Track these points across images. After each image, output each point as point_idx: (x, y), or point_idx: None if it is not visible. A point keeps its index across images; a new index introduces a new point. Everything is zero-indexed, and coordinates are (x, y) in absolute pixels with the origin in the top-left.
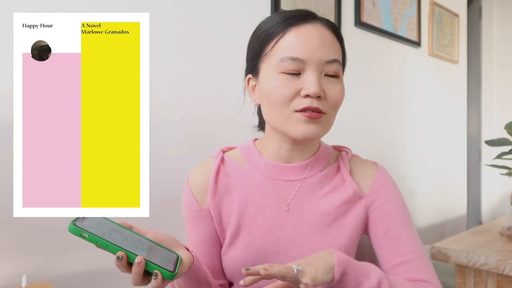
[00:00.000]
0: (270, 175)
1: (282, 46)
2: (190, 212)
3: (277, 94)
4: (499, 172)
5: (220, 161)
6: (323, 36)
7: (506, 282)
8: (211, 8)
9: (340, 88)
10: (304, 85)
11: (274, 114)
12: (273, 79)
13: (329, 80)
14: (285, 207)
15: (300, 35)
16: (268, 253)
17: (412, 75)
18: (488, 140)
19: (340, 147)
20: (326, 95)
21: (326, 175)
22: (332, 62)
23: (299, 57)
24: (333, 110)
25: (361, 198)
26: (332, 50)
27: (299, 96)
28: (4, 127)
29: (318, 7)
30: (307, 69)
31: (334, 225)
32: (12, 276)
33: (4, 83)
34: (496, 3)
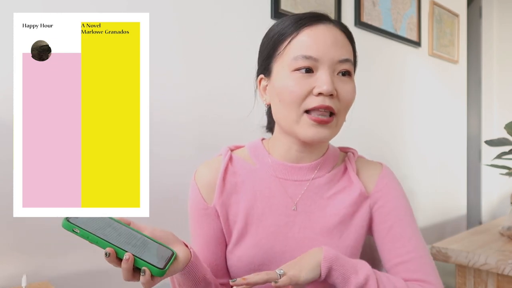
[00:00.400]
0: (279, 174)
1: (295, 45)
2: (196, 210)
3: (290, 92)
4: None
5: (228, 159)
6: (335, 36)
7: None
8: (211, 8)
9: (352, 87)
10: (317, 83)
11: (285, 113)
12: (286, 77)
13: (342, 79)
14: (293, 207)
15: (313, 34)
16: (275, 252)
17: (412, 75)
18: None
19: (346, 149)
20: (339, 94)
21: (333, 176)
22: (344, 61)
23: (312, 55)
24: (344, 111)
25: (367, 198)
26: (345, 50)
27: (312, 94)
28: (4, 127)
29: (318, 7)
30: (320, 67)
31: (341, 225)
32: (12, 276)
33: (4, 83)
34: (496, 3)
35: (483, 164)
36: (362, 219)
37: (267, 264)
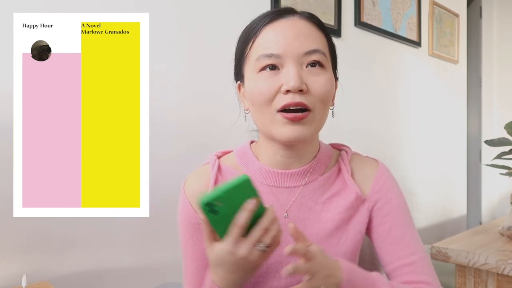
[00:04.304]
0: (269, 182)
1: (257, 45)
2: (189, 224)
3: (258, 94)
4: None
5: (217, 170)
6: (298, 28)
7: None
8: (211, 8)
9: (325, 78)
10: (284, 80)
11: (259, 116)
12: (254, 79)
13: (312, 72)
14: (285, 214)
15: (274, 31)
16: (270, 264)
17: (412, 75)
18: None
19: (339, 146)
20: (310, 88)
21: (327, 179)
22: (311, 52)
23: (274, 52)
24: (321, 104)
25: (364, 201)
26: (311, 41)
27: (281, 92)
28: (4, 127)
29: (318, 7)
30: (286, 63)
31: (337, 231)
32: (12, 276)
33: (4, 83)
34: (496, 3)
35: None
36: (359, 223)
37: (264, 276)
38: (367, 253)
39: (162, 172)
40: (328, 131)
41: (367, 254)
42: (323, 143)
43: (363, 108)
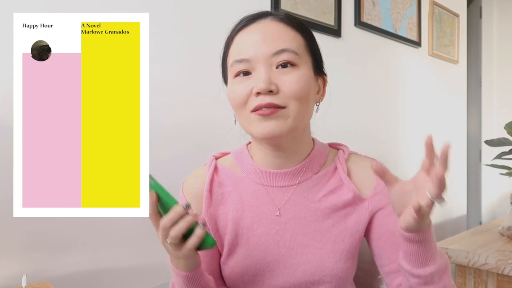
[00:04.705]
0: (264, 182)
1: (232, 51)
2: None
3: (234, 98)
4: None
5: (213, 169)
6: (266, 31)
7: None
8: (211, 9)
9: (296, 76)
10: (254, 83)
11: (239, 118)
12: (231, 84)
13: (282, 72)
14: (277, 212)
15: (243, 36)
16: (267, 262)
17: (412, 75)
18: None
19: (337, 145)
20: (281, 88)
21: (321, 177)
22: (279, 52)
23: (243, 58)
24: (295, 101)
25: (363, 200)
26: (280, 41)
27: (252, 95)
28: (4, 127)
29: (318, 7)
30: (256, 67)
31: (334, 229)
32: (12, 276)
33: (4, 83)
34: (496, 3)
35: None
36: (358, 222)
37: (261, 274)
38: (367, 253)
39: (162, 172)
40: (328, 131)
41: (367, 254)
42: (320, 142)
43: (363, 108)
